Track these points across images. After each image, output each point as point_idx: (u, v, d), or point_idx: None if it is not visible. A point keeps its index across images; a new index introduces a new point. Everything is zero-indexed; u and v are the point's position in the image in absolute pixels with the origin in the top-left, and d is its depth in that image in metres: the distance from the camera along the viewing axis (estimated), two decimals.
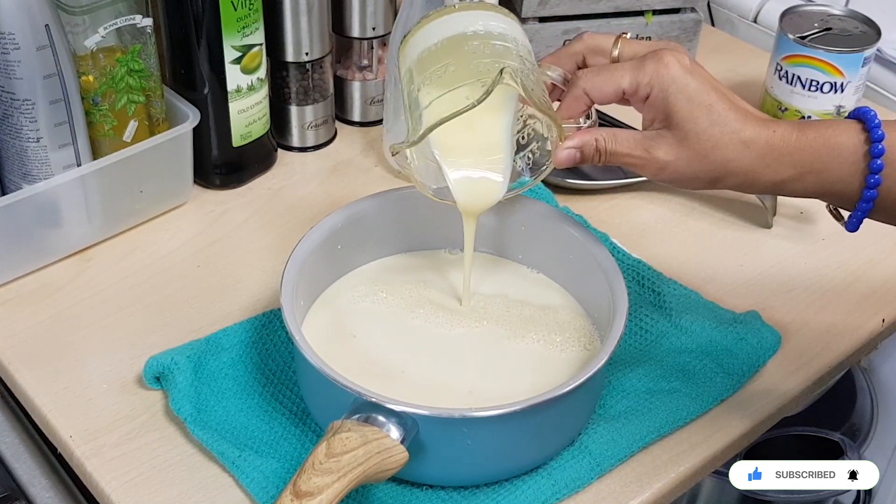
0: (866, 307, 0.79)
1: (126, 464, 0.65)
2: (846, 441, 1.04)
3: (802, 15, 0.95)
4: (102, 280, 0.79)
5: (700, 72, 0.62)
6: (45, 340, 0.74)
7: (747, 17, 1.15)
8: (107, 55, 0.77)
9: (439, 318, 0.73)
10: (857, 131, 0.59)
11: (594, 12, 1.05)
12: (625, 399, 0.70)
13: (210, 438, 0.66)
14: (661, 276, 0.79)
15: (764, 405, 0.71)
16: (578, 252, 0.72)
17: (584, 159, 0.64)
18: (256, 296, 0.78)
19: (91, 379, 0.71)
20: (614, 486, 0.65)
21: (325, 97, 0.93)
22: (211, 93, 0.84)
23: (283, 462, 0.65)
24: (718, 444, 0.68)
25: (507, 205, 0.75)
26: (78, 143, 0.76)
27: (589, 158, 0.64)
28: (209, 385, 0.69)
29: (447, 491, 0.64)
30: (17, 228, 0.76)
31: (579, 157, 0.64)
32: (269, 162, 0.92)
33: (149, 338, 0.74)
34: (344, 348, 0.70)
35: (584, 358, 0.69)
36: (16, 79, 0.71)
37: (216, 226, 0.85)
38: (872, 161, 0.58)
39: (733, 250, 0.85)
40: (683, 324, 0.75)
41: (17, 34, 0.69)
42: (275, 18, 0.86)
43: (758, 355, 0.73)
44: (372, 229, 0.75)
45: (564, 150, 0.64)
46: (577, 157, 0.64)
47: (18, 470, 0.72)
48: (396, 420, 0.59)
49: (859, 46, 0.91)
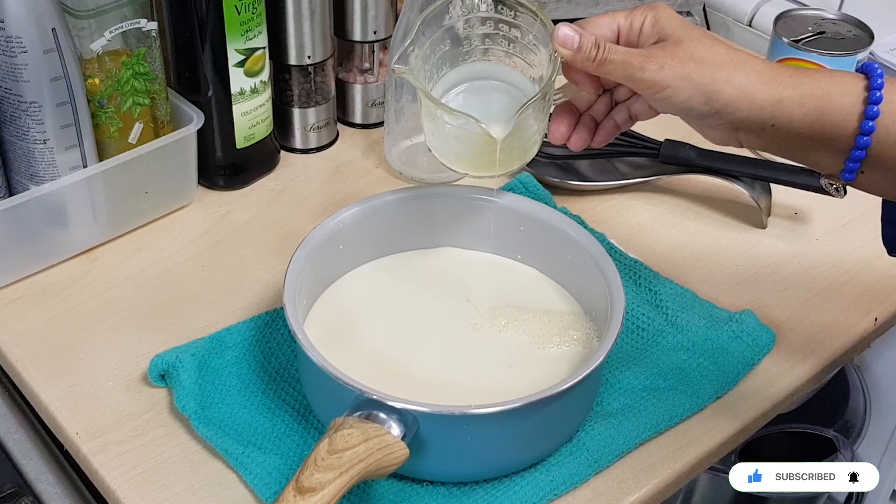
0: (859, 306, 0.80)
1: (131, 460, 0.66)
2: (840, 438, 1.04)
3: (796, 19, 0.96)
4: (108, 279, 0.80)
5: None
6: (51, 339, 0.74)
7: (742, 20, 1.15)
8: (112, 58, 0.78)
9: (440, 317, 0.73)
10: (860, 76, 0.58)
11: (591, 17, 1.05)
12: (622, 397, 0.70)
13: (214, 435, 0.66)
14: (657, 276, 0.80)
15: (759, 403, 0.72)
16: (576, 252, 0.73)
17: (580, 49, 0.61)
18: (259, 295, 0.78)
19: (97, 377, 0.71)
20: (611, 482, 0.66)
21: (328, 100, 0.94)
22: (215, 95, 0.85)
23: (285, 458, 0.65)
24: (714, 441, 0.69)
25: (506, 205, 0.76)
26: (84, 145, 0.77)
27: (585, 51, 0.61)
28: (213, 383, 0.70)
29: (447, 487, 0.64)
30: (25, 229, 0.77)
31: (577, 42, 0.61)
32: (272, 163, 0.93)
33: (154, 336, 0.74)
34: (346, 346, 0.70)
35: (582, 356, 0.70)
36: (23, 81, 0.72)
37: (220, 226, 0.86)
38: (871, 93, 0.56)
39: (728, 250, 0.85)
40: (679, 322, 0.75)
41: (24, 38, 0.70)
42: (278, 22, 0.87)
43: (752, 353, 0.73)
44: (373, 229, 0.76)
45: (565, 29, 0.61)
46: (574, 41, 0.61)
47: (26, 466, 0.72)
48: (397, 417, 0.59)
49: (853, 50, 0.91)
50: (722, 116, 0.60)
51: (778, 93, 0.58)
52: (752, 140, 0.61)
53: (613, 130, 0.68)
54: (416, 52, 0.65)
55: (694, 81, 0.59)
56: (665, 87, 0.59)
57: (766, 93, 0.58)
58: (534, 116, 0.67)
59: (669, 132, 0.90)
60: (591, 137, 0.68)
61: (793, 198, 0.88)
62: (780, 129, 0.59)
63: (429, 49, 0.67)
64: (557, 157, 0.93)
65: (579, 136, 0.67)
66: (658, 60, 0.59)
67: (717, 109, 0.59)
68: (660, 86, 0.59)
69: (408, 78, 0.65)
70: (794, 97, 0.58)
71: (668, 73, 0.59)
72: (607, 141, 0.68)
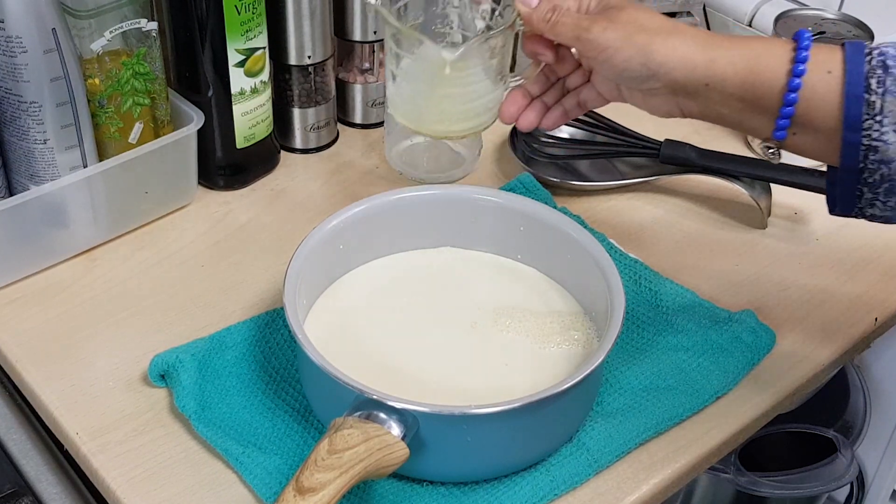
0: (859, 306, 0.80)
1: (131, 460, 0.66)
2: (840, 438, 1.04)
3: (797, 18, 0.96)
4: (108, 279, 0.80)
5: None
6: (51, 339, 0.75)
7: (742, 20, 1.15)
8: (112, 58, 0.78)
9: (440, 317, 0.73)
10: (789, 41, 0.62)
11: None
12: (622, 396, 0.70)
13: (214, 435, 0.66)
14: (657, 276, 0.80)
15: (758, 403, 0.72)
16: (576, 252, 0.73)
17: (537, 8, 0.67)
18: (259, 295, 0.79)
19: (97, 377, 0.72)
20: (611, 482, 0.66)
21: (328, 100, 0.94)
22: (215, 95, 0.85)
23: (285, 458, 0.65)
24: (714, 441, 0.69)
25: (506, 205, 0.76)
26: (84, 145, 0.77)
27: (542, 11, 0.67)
28: (213, 383, 0.70)
29: (447, 487, 0.64)
30: (25, 229, 0.77)
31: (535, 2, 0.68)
32: (272, 163, 0.93)
33: (154, 336, 0.74)
34: (346, 346, 0.70)
35: (582, 356, 0.70)
36: (23, 82, 0.72)
37: (220, 226, 0.86)
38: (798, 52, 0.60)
39: (728, 250, 0.85)
40: (679, 322, 0.76)
41: (24, 38, 0.70)
42: (278, 22, 0.87)
43: (752, 353, 0.74)
44: (373, 229, 0.76)
45: None
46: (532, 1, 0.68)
47: (26, 466, 0.72)
48: (397, 417, 0.59)
49: None
50: (658, 78, 0.64)
51: (711, 53, 0.62)
52: (691, 105, 0.64)
53: (562, 116, 0.73)
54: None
55: (633, 42, 0.63)
56: (607, 47, 0.64)
57: (700, 54, 0.62)
58: (485, 70, 0.71)
59: (669, 132, 0.90)
60: (539, 121, 0.73)
61: (793, 198, 0.88)
62: (714, 88, 0.62)
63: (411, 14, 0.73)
64: (558, 158, 0.93)
65: (527, 117, 0.72)
66: (602, 23, 0.64)
67: (654, 70, 0.63)
68: (602, 46, 0.64)
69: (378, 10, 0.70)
70: (726, 56, 0.62)
71: (610, 35, 0.64)
72: (556, 125, 0.74)
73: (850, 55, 0.59)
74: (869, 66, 0.59)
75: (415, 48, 0.71)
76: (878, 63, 0.59)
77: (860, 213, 0.63)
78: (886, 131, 0.58)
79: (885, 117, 0.58)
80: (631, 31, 0.64)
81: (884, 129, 0.58)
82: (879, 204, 0.61)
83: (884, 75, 0.58)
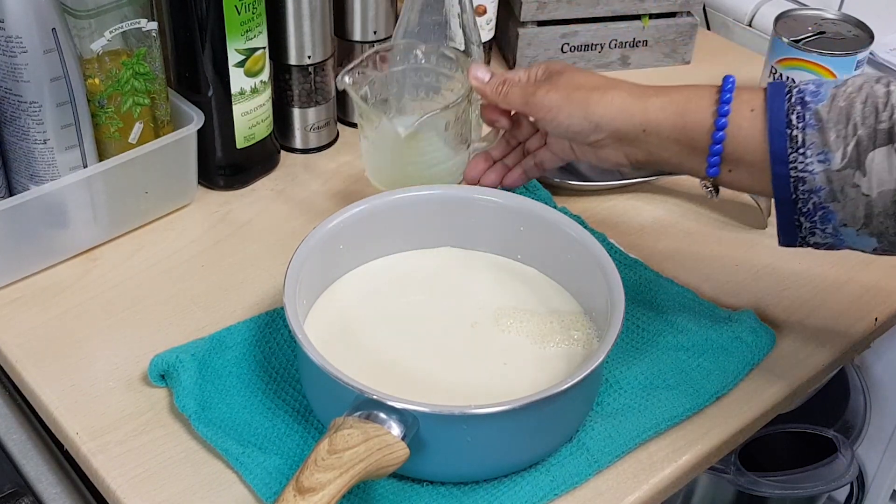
0: (859, 306, 0.80)
1: (131, 460, 0.66)
2: (840, 438, 1.04)
3: (797, 18, 0.96)
4: (108, 279, 0.80)
5: None
6: (51, 339, 0.75)
7: (742, 20, 1.16)
8: (112, 58, 0.78)
9: (440, 317, 0.73)
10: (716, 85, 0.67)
11: (591, 16, 1.05)
12: (622, 396, 0.70)
13: (214, 435, 0.66)
14: (657, 276, 0.80)
15: (759, 403, 0.72)
16: (576, 252, 0.73)
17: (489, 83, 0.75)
18: (260, 295, 0.79)
19: (97, 377, 0.72)
20: (611, 482, 0.66)
21: (328, 100, 0.94)
22: (215, 95, 0.85)
23: (285, 458, 0.65)
24: (714, 441, 0.69)
25: (506, 205, 0.76)
26: (84, 145, 0.77)
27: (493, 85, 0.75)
28: (213, 383, 0.70)
29: (447, 487, 0.64)
30: (25, 229, 0.77)
31: (487, 77, 0.76)
32: (272, 163, 0.93)
33: (154, 336, 0.75)
34: (346, 346, 0.70)
35: (582, 356, 0.70)
36: (23, 82, 0.72)
37: (220, 226, 0.86)
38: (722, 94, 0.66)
39: (729, 250, 0.85)
40: (679, 322, 0.76)
41: (24, 38, 0.70)
42: (278, 22, 0.87)
43: (753, 353, 0.73)
44: (373, 229, 0.76)
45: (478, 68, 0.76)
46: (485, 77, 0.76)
47: (26, 466, 0.72)
48: (397, 417, 0.59)
49: (853, 50, 0.91)
50: (601, 129, 0.70)
51: (644, 102, 0.68)
52: (636, 152, 0.70)
53: (521, 177, 0.80)
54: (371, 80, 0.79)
55: (572, 100, 0.70)
56: (551, 107, 0.71)
57: (635, 104, 0.68)
58: (443, 139, 0.78)
59: None
60: (500, 181, 0.80)
61: None
62: (651, 133, 0.68)
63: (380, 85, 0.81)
64: None
65: (488, 177, 0.79)
66: (545, 88, 0.72)
67: (596, 122, 0.69)
68: (547, 107, 0.71)
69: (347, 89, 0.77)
70: (658, 103, 0.68)
71: (552, 96, 0.71)
72: (516, 184, 0.80)
73: (770, 94, 0.64)
74: (789, 104, 0.63)
75: (376, 123, 0.78)
76: (797, 100, 0.63)
77: (804, 242, 0.66)
78: (811, 162, 0.62)
79: (807, 149, 0.62)
80: (570, 90, 0.70)
81: (808, 161, 0.62)
82: (819, 232, 0.65)
83: (802, 111, 0.62)
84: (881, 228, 0.62)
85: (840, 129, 0.61)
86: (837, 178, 0.61)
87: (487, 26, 1.03)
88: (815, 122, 0.62)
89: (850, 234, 0.64)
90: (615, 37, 1.07)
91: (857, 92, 0.62)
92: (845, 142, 0.61)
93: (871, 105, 0.61)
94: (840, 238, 0.64)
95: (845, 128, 0.61)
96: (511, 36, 1.07)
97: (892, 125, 0.60)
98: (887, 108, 0.60)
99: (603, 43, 1.07)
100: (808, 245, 0.66)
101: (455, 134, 0.78)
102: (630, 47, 1.08)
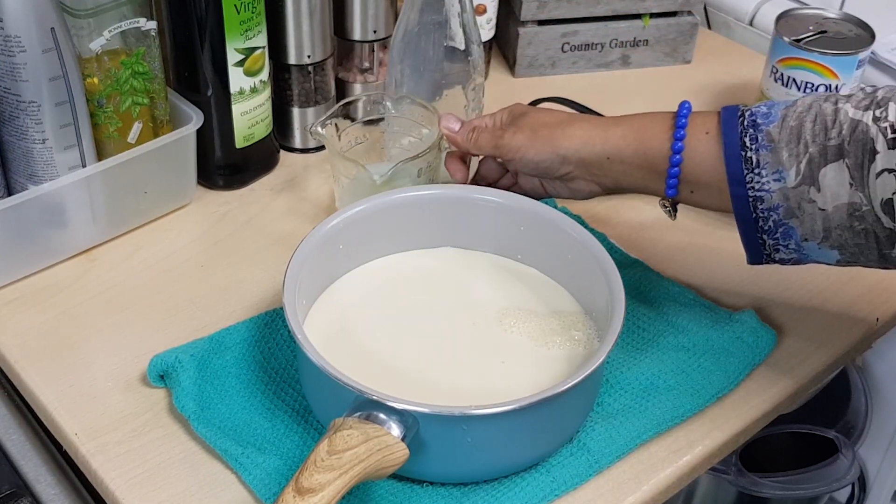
0: (861, 306, 0.80)
1: (130, 461, 0.66)
2: (841, 438, 1.04)
3: (798, 18, 0.96)
4: (107, 280, 0.80)
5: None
6: (50, 339, 0.74)
7: (743, 20, 1.16)
8: (111, 58, 0.78)
9: (440, 317, 0.73)
10: (669, 115, 0.70)
11: (592, 16, 1.05)
12: (622, 397, 0.70)
13: (213, 436, 0.66)
14: (658, 276, 0.80)
15: (760, 403, 0.72)
16: (577, 252, 0.73)
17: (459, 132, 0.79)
18: (259, 295, 0.79)
19: (96, 377, 0.71)
20: (612, 482, 0.66)
21: (327, 99, 0.94)
22: (214, 95, 0.85)
23: (285, 459, 0.65)
24: (715, 442, 0.69)
25: (506, 205, 0.76)
26: (83, 145, 0.77)
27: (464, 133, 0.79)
28: (212, 383, 0.70)
29: (447, 488, 0.64)
30: (23, 228, 0.77)
31: (457, 127, 0.79)
32: (271, 163, 0.93)
33: (153, 336, 0.74)
34: (345, 346, 0.70)
35: (583, 356, 0.70)
36: (22, 81, 0.72)
37: (219, 226, 0.86)
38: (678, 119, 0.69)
39: (730, 250, 0.85)
40: (680, 322, 0.75)
41: (22, 37, 0.70)
42: (277, 21, 0.87)
43: (754, 354, 0.73)
44: (373, 229, 0.76)
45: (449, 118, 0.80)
46: (456, 126, 0.79)
47: (24, 467, 0.72)
48: (397, 418, 0.59)
49: (854, 49, 0.91)
50: (569, 161, 0.73)
51: (606, 132, 0.72)
52: (605, 180, 0.73)
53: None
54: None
55: (539, 138, 0.74)
56: (519, 147, 0.75)
57: (597, 134, 0.72)
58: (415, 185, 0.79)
59: None
60: None
61: None
62: (615, 160, 0.71)
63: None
64: None
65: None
66: (511, 130, 0.76)
67: (563, 155, 0.73)
68: (515, 148, 0.75)
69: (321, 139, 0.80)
70: (618, 131, 0.71)
71: (519, 137, 0.75)
72: None
73: (724, 118, 0.67)
74: (741, 126, 0.65)
75: (352, 171, 0.79)
76: (750, 122, 0.65)
77: (770, 259, 0.68)
78: (767, 181, 0.64)
79: (762, 169, 0.64)
80: (535, 129, 0.74)
81: (764, 180, 0.65)
82: (783, 248, 0.67)
83: (755, 132, 0.65)
84: (840, 241, 0.64)
85: (792, 148, 0.64)
86: (794, 195, 0.64)
87: (487, 26, 1.03)
88: (768, 142, 0.64)
89: (813, 247, 0.66)
90: (616, 36, 1.07)
91: (807, 111, 0.64)
92: (798, 159, 0.63)
93: (820, 123, 0.63)
94: (804, 252, 0.66)
95: (797, 146, 0.63)
96: (511, 35, 1.07)
97: (841, 141, 0.62)
98: (835, 125, 0.63)
99: (603, 42, 1.07)
100: (774, 261, 0.68)
101: (426, 180, 0.81)
102: (631, 47, 1.08)
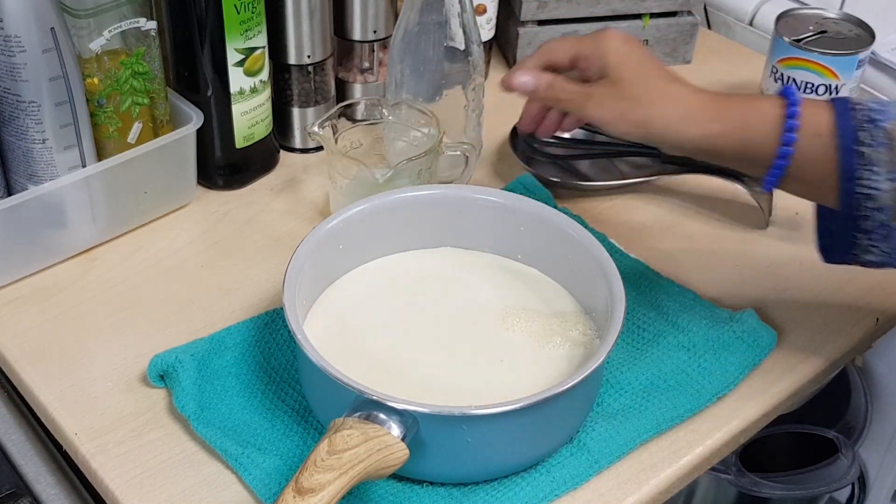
0: (861, 306, 0.80)
1: (130, 461, 0.66)
2: (841, 439, 1.04)
3: (798, 18, 0.96)
4: (107, 280, 0.80)
5: (635, 42, 0.70)
6: (50, 339, 0.74)
7: (743, 20, 1.15)
8: (111, 58, 0.78)
9: (440, 317, 0.73)
10: (778, 103, 0.65)
11: (592, 15, 1.05)
12: (622, 397, 0.70)
13: (213, 436, 0.66)
14: (658, 276, 0.80)
15: (760, 403, 0.72)
16: (577, 252, 0.73)
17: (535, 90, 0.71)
18: (259, 295, 0.78)
19: (96, 377, 0.71)
20: (612, 482, 0.66)
21: (327, 99, 0.94)
22: (214, 95, 0.85)
23: (285, 459, 0.65)
24: (715, 442, 0.69)
25: (506, 205, 0.76)
26: (83, 145, 0.77)
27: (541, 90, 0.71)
28: (212, 383, 0.70)
29: (447, 488, 0.64)
30: (23, 229, 0.77)
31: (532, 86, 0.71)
32: (271, 163, 0.93)
33: (153, 336, 0.74)
34: (345, 346, 0.70)
35: (583, 356, 0.70)
36: (22, 81, 0.72)
37: (219, 226, 0.86)
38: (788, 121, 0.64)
39: (730, 251, 0.85)
40: (680, 322, 0.75)
41: (22, 37, 0.70)
42: (277, 22, 0.87)
43: (754, 354, 0.73)
44: (373, 229, 0.76)
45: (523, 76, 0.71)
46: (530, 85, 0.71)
47: (24, 467, 0.72)
48: (397, 418, 0.59)
49: (854, 49, 0.91)
50: (658, 145, 0.69)
51: (704, 129, 0.66)
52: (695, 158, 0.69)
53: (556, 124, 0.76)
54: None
55: (629, 119, 0.67)
56: (606, 122, 0.68)
57: (694, 128, 0.66)
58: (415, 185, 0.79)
59: None
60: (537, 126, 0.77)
61: (794, 198, 0.87)
62: (710, 153, 0.67)
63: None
64: (558, 157, 0.93)
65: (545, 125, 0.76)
66: (597, 99, 0.68)
67: (653, 139, 0.68)
68: (601, 122, 0.68)
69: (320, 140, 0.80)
70: (717, 129, 0.66)
71: (606, 112, 0.68)
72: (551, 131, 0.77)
73: (838, 111, 0.63)
74: (856, 120, 0.62)
75: (352, 171, 0.79)
76: (864, 117, 0.62)
77: (855, 260, 0.66)
78: (879, 179, 0.62)
79: (876, 166, 0.62)
80: (625, 107, 0.67)
81: (875, 178, 0.62)
82: (876, 250, 0.65)
83: (872, 128, 0.62)
84: None
85: None
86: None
87: (487, 25, 1.03)
88: (886, 140, 0.61)
89: None
90: None
91: None
92: None
93: None
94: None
95: None
96: (511, 35, 1.07)
97: None
98: None
99: None
100: (857, 262, 0.66)
101: (426, 180, 0.81)
102: None
